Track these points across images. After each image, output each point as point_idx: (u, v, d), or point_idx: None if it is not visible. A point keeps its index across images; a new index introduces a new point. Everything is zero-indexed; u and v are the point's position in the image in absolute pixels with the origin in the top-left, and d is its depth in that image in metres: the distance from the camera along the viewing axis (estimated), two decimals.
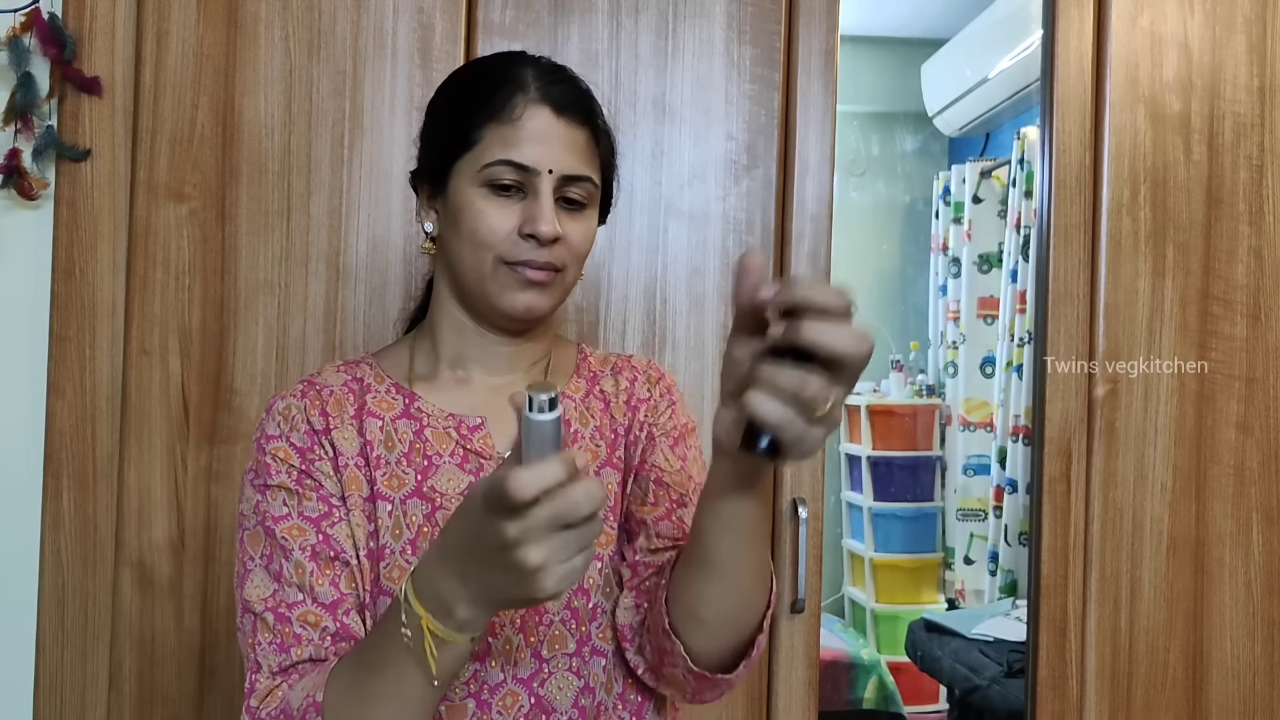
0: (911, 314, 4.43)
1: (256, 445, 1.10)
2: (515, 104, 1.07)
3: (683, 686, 1.07)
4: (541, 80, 1.09)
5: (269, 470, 1.07)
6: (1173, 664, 1.78)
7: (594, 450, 1.15)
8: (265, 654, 1.01)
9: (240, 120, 1.62)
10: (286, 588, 1.02)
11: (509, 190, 1.07)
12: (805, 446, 0.81)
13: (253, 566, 1.04)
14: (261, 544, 1.05)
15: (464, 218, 1.09)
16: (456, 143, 1.09)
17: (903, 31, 4.28)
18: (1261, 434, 1.80)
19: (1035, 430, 1.82)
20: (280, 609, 1.02)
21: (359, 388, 1.14)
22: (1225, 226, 1.80)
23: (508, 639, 1.07)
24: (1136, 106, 1.79)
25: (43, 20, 1.57)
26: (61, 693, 1.59)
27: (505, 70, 1.10)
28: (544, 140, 1.07)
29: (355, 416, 1.11)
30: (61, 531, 1.59)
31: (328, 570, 1.03)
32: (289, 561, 1.03)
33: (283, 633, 1.01)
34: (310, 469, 1.07)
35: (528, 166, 1.06)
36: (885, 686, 3.58)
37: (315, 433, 1.09)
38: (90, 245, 1.60)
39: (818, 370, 0.77)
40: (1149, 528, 1.78)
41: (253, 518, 1.07)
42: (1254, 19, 1.81)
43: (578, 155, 1.09)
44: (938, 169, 4.45)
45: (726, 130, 1.71)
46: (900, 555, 4.04)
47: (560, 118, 1.08)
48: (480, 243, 1.08)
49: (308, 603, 1.02)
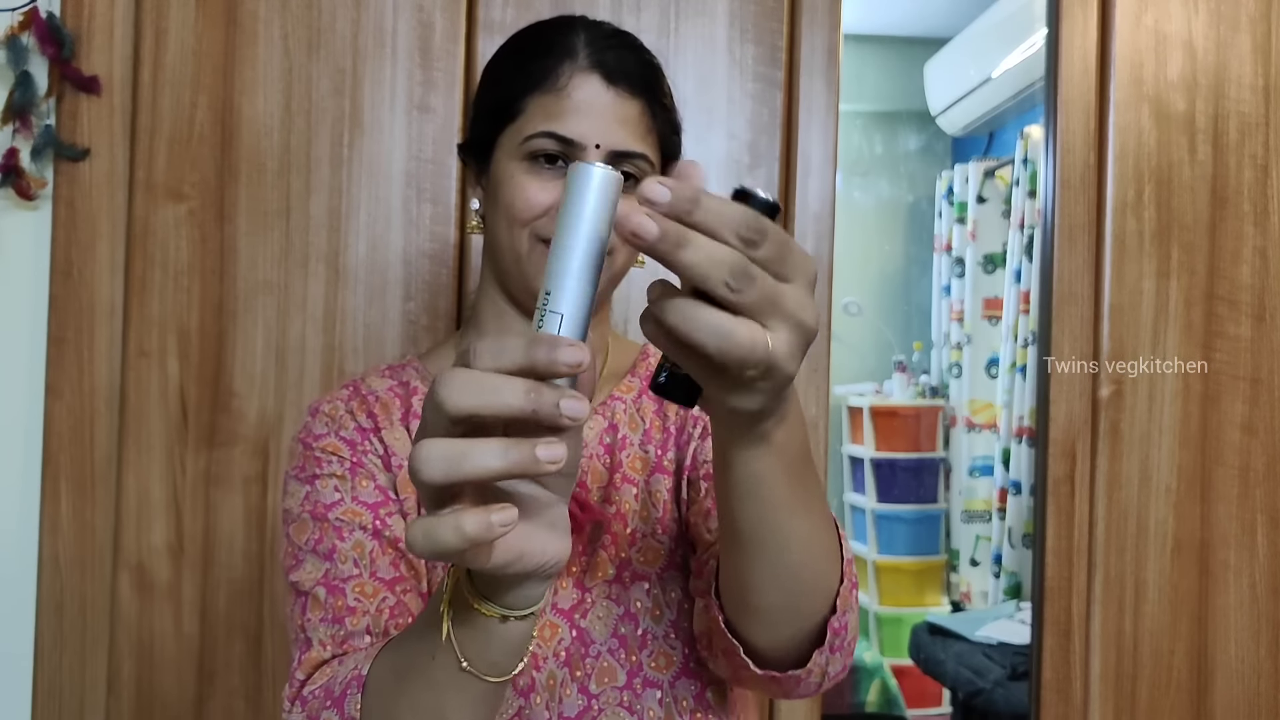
0: (915, 314, 4.42)
1: (302, 444, 1.03)
2: (561, 72, 0.99)
3: (765, 688, 0.90)
4: (593, 46, 1.00)
5: (319, 463, 1.00)
6: (1177, 666, 1.77)
7: (643, 456, 1.07)
8: (315, 629, 0.92)
9: (239, 119, 1.61)
10: (340, 564, 0.94)
11: (552, 163, 1.00)
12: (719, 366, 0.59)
13: (303, 555, 0.97)
14: (309, 530, 0.97)
15: (502, 192, 1.01)
16: (500, 113, 1.02)
17: (906, 30, 4.27)
18: (1266, 435, 1.79)
19: (1039, 431, 1.81)
20: (334, 583, 0.93)
21: (404, 391, 1.07)
22: (1230, 226, 1.79)
23: (551, 673, 0.98)
24: (1141, 106, 1.78)
25: (41, 19, 1.56)
26: (60, 697, 1.58)
27: (556, 36, 1.02)
28: (591, 112, 0.98)
29: (403, 420, 1.05)
30: (59, 535, 1.58)
31: (388, 550, 0.95)
32: (345, 541, 0.95)
33: (335, 605, 0.92)
34: (362, 461, 1.01)
35: (572, 140, 0.98)
36: (888, 690, 3.57)
37: (364, 430, 1.03)
38: (89, 245, 1.59)
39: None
40: (1153, 529, 1.77)
41: (302, 507, 0.99)
42: (1259, 18, 1.80)
43: (629, 130, 1.00)
44: (941, 168, 4.44)
45: (729, 129, 1.71)
46: (904, 558, 4.03)
47: (612, 88, 0.99)
48: (516, 218, 1.00)
49: (364, 576, 0.94)
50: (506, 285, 1.07)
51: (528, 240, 1.01)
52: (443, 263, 1.64)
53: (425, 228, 1.63)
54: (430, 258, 1.63)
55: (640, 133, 1.01)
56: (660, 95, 1.04)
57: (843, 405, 4.08)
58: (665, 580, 1.02)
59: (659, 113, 1.04)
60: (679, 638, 1.02)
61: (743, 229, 0.57)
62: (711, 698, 1.02)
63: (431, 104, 1.64)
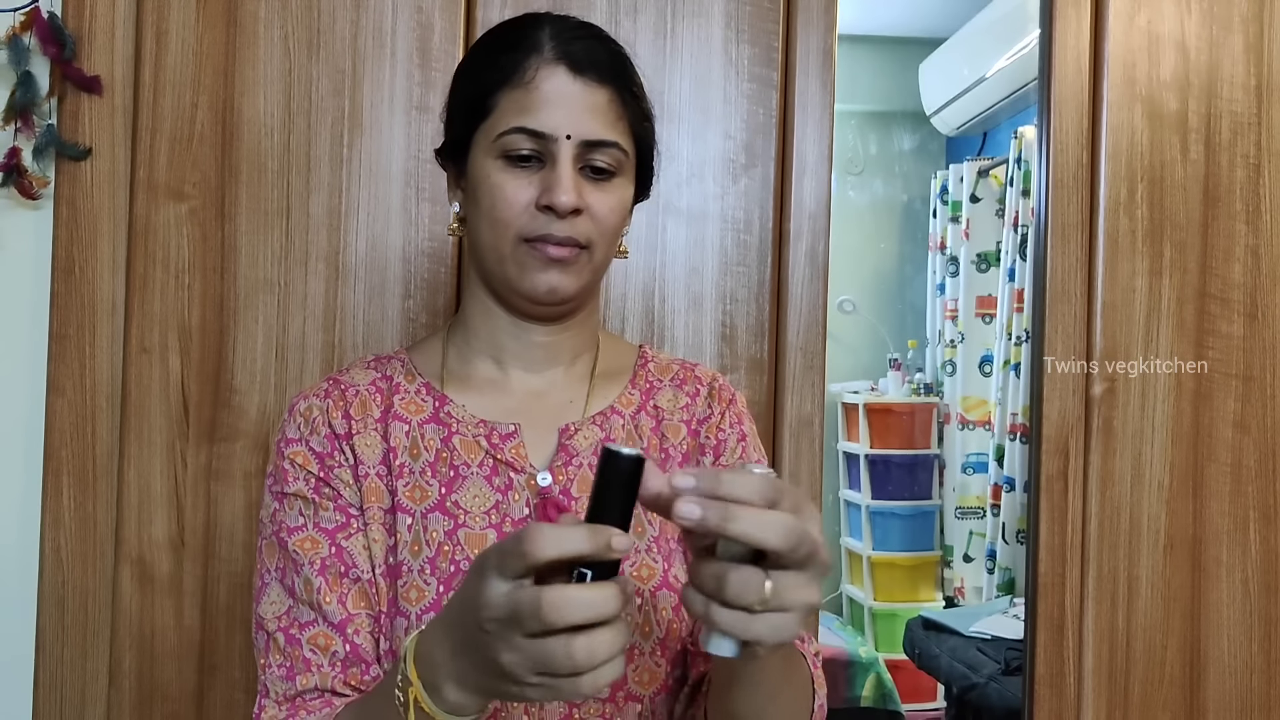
0: (909, 312, 4.43)
1: (276, 449, 1.06)
2: (528, 66, 0.99)
3: None
4: (559, 39, 1.00)
5: (286, 477, 1.03)
6: (1170, 662, 1.78)
7: None
8: (273, 679, 0.97)
9: (240, 119, 1.62)
10: (299, 605, 0.98)
11: (527, 160, 0.99)
12: (760, 636, 0.71)
13: (269, 580, 1.01)
14: (276, 556, 1.01)
15: (481, 193, 1.01)
16: (473, 112, 1.02)
17: (900, 31, 4.28)
18: (1259, 432, 1.81)
19: (1033, 429, 1.82)
20: (292, 629, 0.98)
21: (387, 387, 1.07)
22: (1222, 225, 1.81)
23: None
24: (1134, 105, 1.79)
25: (42, 19, 1.57)
26: (61, 690, 1.60)
27: (522, 32, 1.02)
28: (560, 103, 0.98)
29: (381, 420, 1.05)
30: (61, 529, 1.59)
31: (335, 587, 0.98)
32: (299, 577, 0.99)
33: (293, 656, 0.97)
34: (329, 476, 1.02)
35: (543, 133, 0.98)
36: (883, 684, 3.59)
37: (336, 437, 1.03)
38: (90, 244, 1.60)
39: (749, 562, 0.71)
40: (1146, 526, 1.78)
41: (269, 526, 1.03)
42: (1251, 18, 1.81)
43: (600, 118, 1.00)
44: (935, 168, 4.45)
45: (725, 129, 1.72)
46: (898, 553, 4.05)
47: (579, 77, 0.99)
48: (498, 219, 1.00)
49: (319, 623, 0.97)
50: (492, 284, 1.07)
51: (511, 240, 1.01)
52: (441, 261, 1.65)
53: (424, 226, 1.64)
54: (429, 256, 1.64)
55: (610, 120, 1.01)
56: (629, 83, 1.04)
57: (838, 402, 4.09)
58: (656, 598, 1.02)
59: (629, 100, 1.03)
60: (664, 655, 1.02)
61: (764, 493, 0.71)
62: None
63: (431, 104, 1.65)
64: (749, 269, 1.71)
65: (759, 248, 1.72)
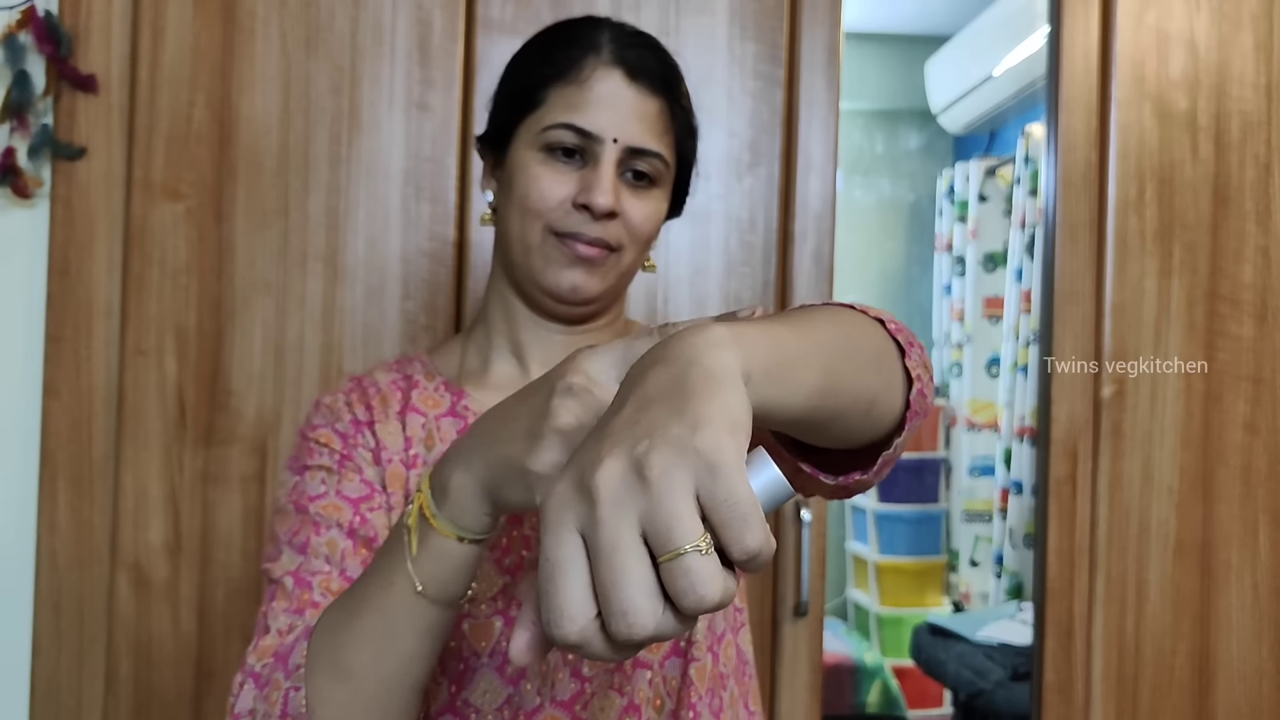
0: (916, 313, 4.42)
1: (300, 435, 1.05)
2: (585, 64, 1.00)
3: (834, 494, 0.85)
4: (618, 43, 1.02)
5: (310, 453, 1.02)
6: (1179, 667, 1.76)
7: None
8: (277, 617, 0.92)
9: (237, 118, 1.61)
10: (313, 559, 0.95)
11: (570, 156, 1.00)
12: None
13: (281, 547, 0.97)
14: (291, 521, 0.98)
15: (517, 181, 1.01)
16: (520, 103, 1.02)
17: (907, 28, 4.27)
18: (1269, 435, 1.79)
19: (1041, 431, 1.80)
20: (303, 576, 0.94)
21: (406, 384, 1.08)
22: (1232, 225, 1.79)
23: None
24: (1143, 104, 1.77)
25: (38, 17, 1.56)
26: (58, 696, 1.58)
27: (579, 31, 1.03)
28: (612, 106, 0.99)
29: (400, 413, 1.05)
30: (57, 534, 1.58)
31: (362, 550, 0.96)
32: (319, 537, 0.95)
33: (300, 598, 0.92)
34: (352, 454, 1.01)
35: (590, 132, 0.99)
36: (889, 691, 3.57)
37: (360, 423, 1.03)
38: (86, 244, 1.58)
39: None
40: (1155, 530, 1.76)
41: (286, 500, 1.00)
42: (1260, 16, 1.79)
43: (648, 127, 1.01)
44: (942, 167, 4.44)
45: (729, 127, 1.70)
46: (904, 558, 4.03)
47: (633, 84, 1.00)
48: (529, 209, 1.00)
49: (333, 574, 0.94)
50: (515, 277, 1.06)
51: (540, 232, 1.01)
52: (441, 261, 1.63)
53: (424, 226, 1.63)
54: (429, 256, 1.63)
55: (658, 131, 1.02)
56: (679, 97, 1.05)
57: None
58: None
59: (678, 114, 1.05)
60: None
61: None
62: (694, 675, 1.02)
63: (430, 102, 1.63)
64: (753, 269, 1.69)
65: (764, 248, 1.70)
